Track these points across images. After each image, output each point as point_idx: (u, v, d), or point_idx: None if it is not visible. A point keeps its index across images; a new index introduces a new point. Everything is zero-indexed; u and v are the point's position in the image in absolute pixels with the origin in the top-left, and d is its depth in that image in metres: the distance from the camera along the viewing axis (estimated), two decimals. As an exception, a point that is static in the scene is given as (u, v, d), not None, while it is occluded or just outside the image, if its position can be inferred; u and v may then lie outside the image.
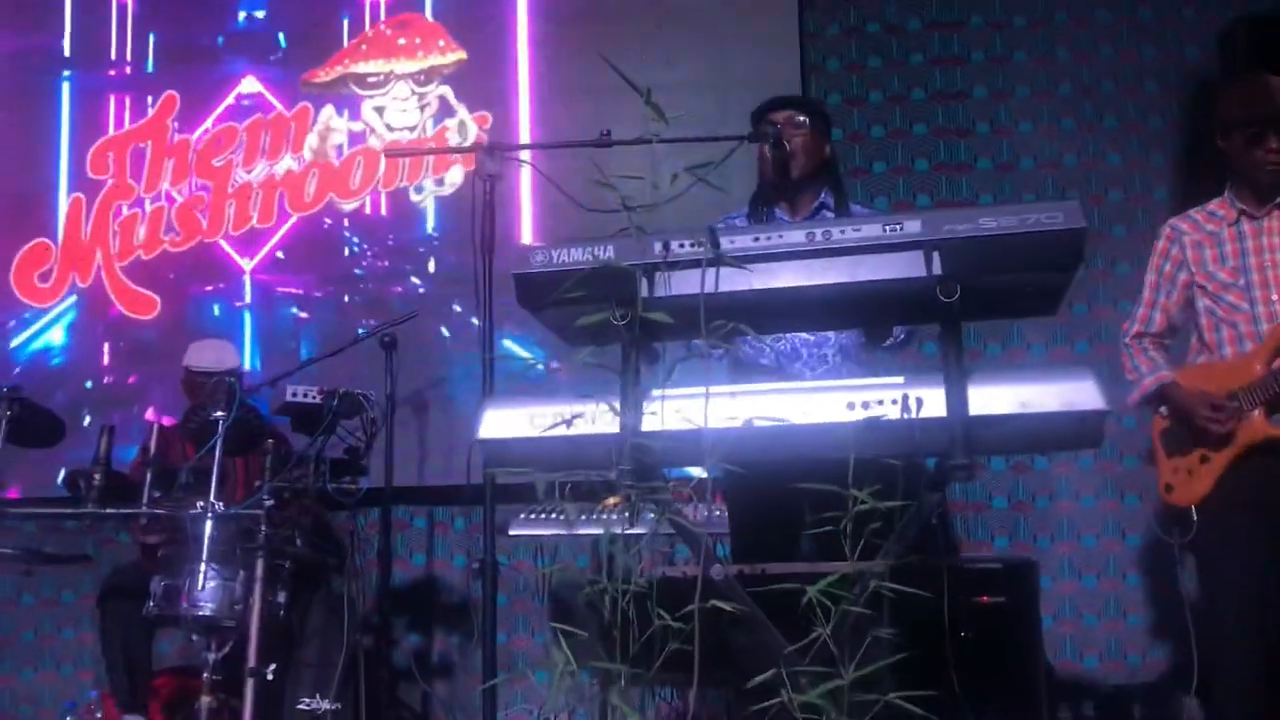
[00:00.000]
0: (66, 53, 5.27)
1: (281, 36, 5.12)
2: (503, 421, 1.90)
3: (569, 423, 1.80)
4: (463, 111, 4.85)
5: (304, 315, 4.91)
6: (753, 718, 1.75)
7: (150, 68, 5.19)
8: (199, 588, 3.18)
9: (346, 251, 4.92)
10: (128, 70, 5.19)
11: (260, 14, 5.15)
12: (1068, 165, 4.59)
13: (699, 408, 1.78)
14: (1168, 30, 4.58)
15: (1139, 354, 3.17)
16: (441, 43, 4.91)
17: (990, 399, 1.76)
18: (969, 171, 4.65)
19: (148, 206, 5.04)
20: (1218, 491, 2.93)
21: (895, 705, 1.60)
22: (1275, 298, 2.95)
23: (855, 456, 1.68)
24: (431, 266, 4.83)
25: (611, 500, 3.48)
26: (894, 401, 1.77)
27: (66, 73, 5.23)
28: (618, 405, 1.81)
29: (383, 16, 5.03)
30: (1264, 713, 2.82)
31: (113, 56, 5.21)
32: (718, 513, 3.32)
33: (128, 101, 5.16)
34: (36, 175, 5.16)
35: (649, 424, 1.81)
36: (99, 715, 3.76)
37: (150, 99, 5.13)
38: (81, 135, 5.18)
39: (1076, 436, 1.82)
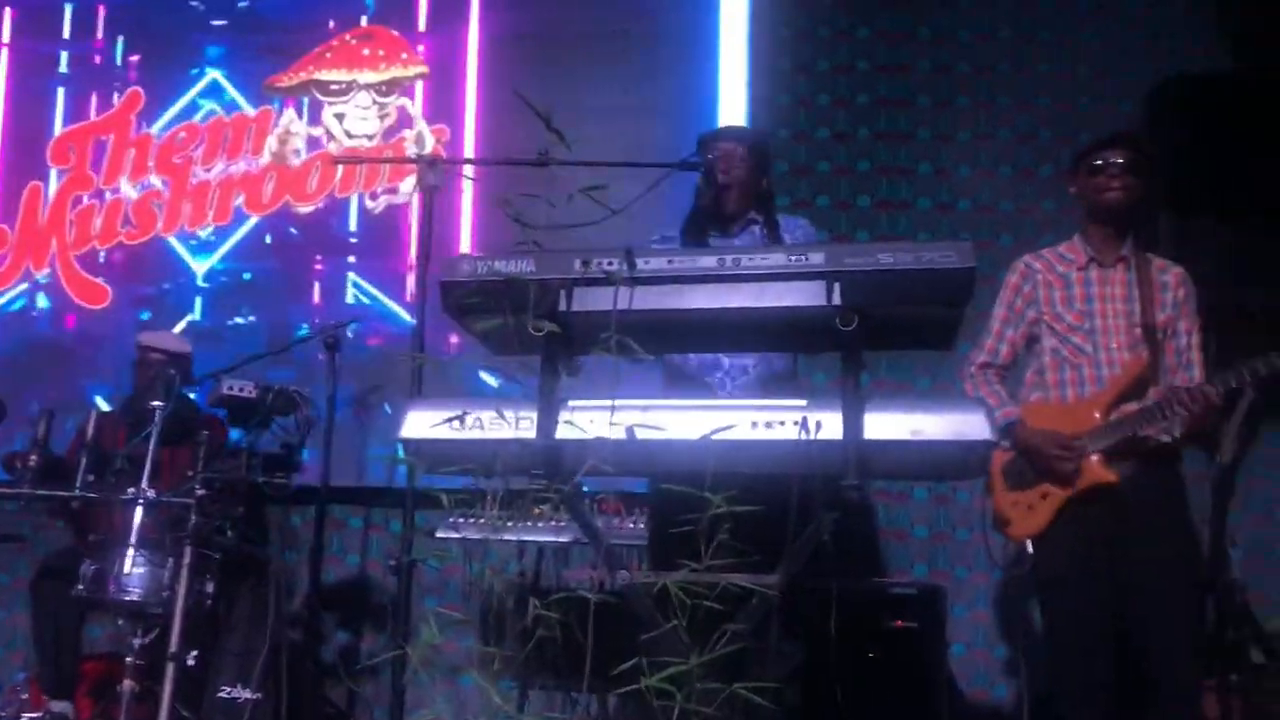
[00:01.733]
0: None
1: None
2: (424, 422, 1.99)
3: (479, 424, 1.89)
4: (421, 123, 4.95)
5: (251, 315, 4.99)
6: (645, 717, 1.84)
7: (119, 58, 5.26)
8: (127, 573, 3.25)
9: (295, 252, 5.00)
10: (97, 60, 5.28)
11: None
12: (1003, 209, 4.74)
13: (611, 417, 1.88)
14: (1102, 85, 4.76)
15: (984, 384, 3.29)
16: (404, 55, 5.02)
17: (885, 425, 1.87)
18: (909, 209, 4.79)
19: (106, 198, 5.10)
20: (1055, 527, 3.07)
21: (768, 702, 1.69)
22: (1115, 345, 3.11)
23: (754, 473, 1.80)
24: (378, 271, 4.92)
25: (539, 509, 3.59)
26: (795, 423, 1.88)
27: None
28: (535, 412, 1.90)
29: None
30: None
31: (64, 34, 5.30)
32: (643, 525, 3.42)
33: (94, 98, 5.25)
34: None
35: (564, 431, 1.90)
36: (25, 697, 3.79)
37: (116, 91, 5.21)
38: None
39: (964, 465, 1.95)
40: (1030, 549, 3.12)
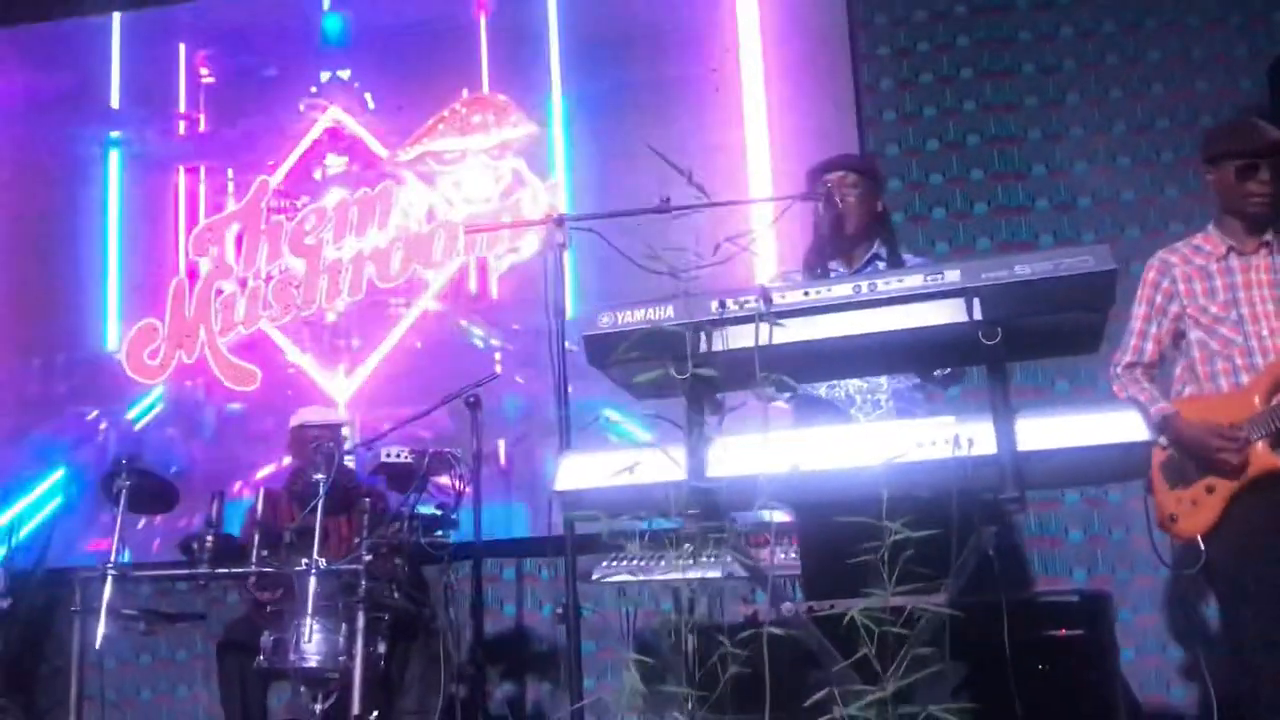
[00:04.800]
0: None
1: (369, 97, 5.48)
2: (577, 472, 2.04)
3: (632, 470, 1.95)
4: (534, 182, 5.12)
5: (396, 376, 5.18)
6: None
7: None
8: (305, 640, 3.39)
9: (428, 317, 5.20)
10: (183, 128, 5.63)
11: (345, 73, 5.52)
12: (1125, 201, 4.65)
13: (761, 452, 1.91)
14: (1218, 66, 4.65)
15: (1132, 384, 3.21)
16: (513, 118, 5.21)
17: (1038, 434, 1.85)
18: (1028, 213, 4.74)
19: (250, 283, 5.37)
20: (1226, 520, 2.97)
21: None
22: (1266, 332, 3.01)
23: (910, 495, 1.81)
24: (512, 328, 5.08)
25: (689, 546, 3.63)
26: (946, 440, 1.88)
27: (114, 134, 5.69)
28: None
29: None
30: None
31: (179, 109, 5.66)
32: (793, 555, 3.43)
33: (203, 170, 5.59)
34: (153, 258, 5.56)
35: (714, 469, 1.94)
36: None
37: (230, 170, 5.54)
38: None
39: (1123, 468, 1.92)
40: (1202, 545, 3.03)
